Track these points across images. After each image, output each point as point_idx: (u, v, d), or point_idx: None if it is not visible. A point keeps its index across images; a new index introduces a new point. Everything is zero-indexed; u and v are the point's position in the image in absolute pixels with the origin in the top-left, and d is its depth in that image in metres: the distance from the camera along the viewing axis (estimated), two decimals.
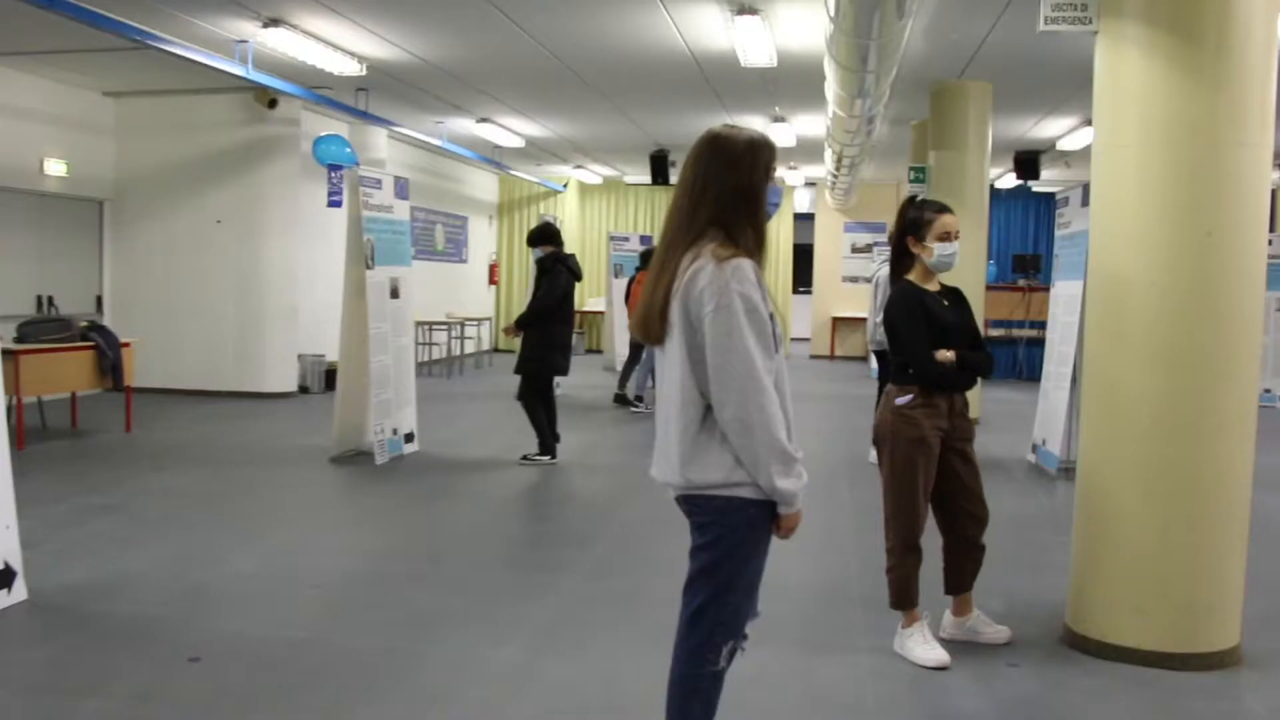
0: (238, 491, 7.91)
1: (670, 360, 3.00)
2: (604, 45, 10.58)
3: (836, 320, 21.63)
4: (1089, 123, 14.29)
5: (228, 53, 10.38)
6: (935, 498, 4.66)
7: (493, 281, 21.92)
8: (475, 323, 18.88)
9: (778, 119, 14.41)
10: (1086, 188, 8.89)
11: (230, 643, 4.72)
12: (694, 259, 2.96)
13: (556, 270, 9.14)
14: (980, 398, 12.33)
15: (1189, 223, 4.52)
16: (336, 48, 10.60)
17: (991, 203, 14.94)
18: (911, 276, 4.72)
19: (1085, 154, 16.22)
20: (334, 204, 12.57)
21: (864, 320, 21.50)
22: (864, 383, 17.06)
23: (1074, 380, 8.74)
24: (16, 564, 5.13)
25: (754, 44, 9.96)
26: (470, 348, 18.99)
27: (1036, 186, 19.05)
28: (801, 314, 23.21)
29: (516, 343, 9.42)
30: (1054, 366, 9.28)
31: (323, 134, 13.10)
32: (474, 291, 20.97)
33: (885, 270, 9.53)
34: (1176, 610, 4.53)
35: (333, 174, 12.54)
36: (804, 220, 22.56)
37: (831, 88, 9.89)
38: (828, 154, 15.21)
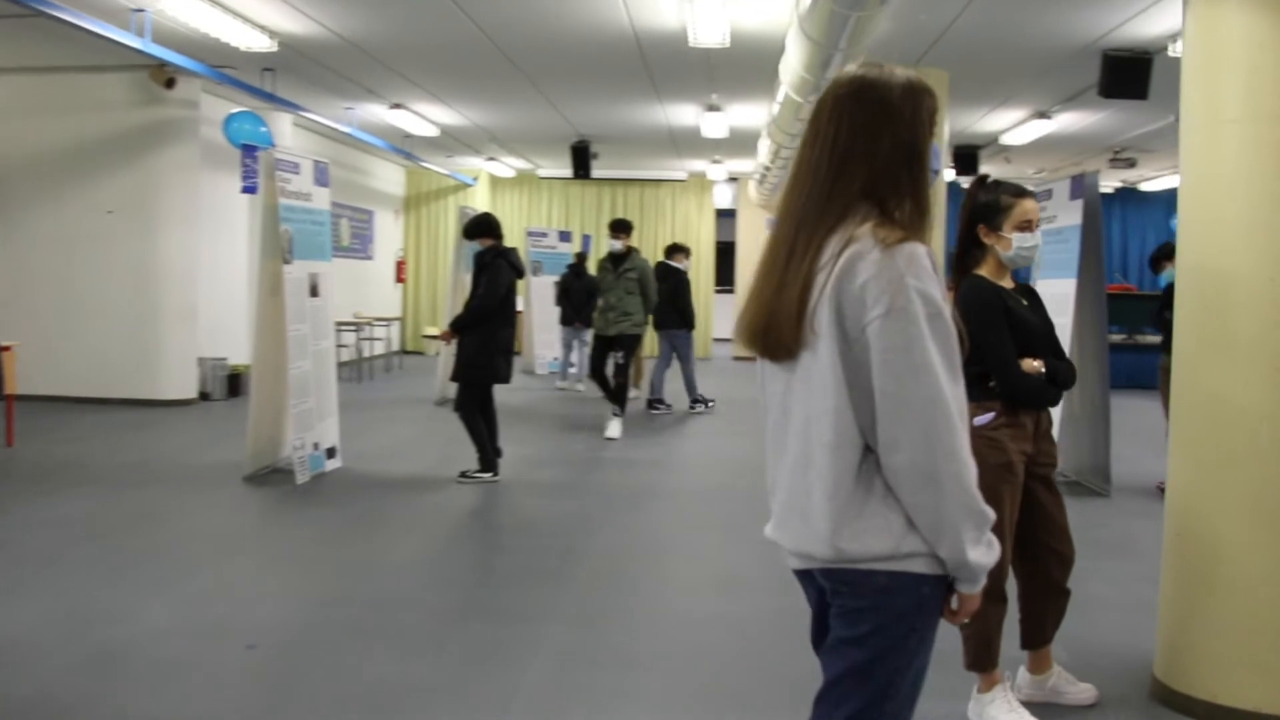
0: (142, 520, 6.81)
1: (811, 383, 2.12)
2: (540, 23, 9.66)
3: None
4: (1041, 115, 13.88)
5: (122, 23, 9.22)
6: (1015, 535, 3.88)
7: (400, 279, 20.79)
8: (384, 323, 17.76)
9: (712, 108, 13.64)
10: (1077, 179, 8.31)
11: None
12: (844, 243, 2.10)
13: (497, 266, 8.18)
14: None
15: None
16: (245, 19, 9.51)
17: None
18: (982, 272, 3.92)
19: (1029, 149, 15.92)
20: (248, 189, 11.32)
21: None
22: None
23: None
24: None
25: (707, 22, 9.16)
26: (379, 350, 17.89)
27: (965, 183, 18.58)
28: (723, 314, 22.53)
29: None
30: None
31: (235, 110, 11.76)
32: (381, 290, 19.81)
33: None
34: None
35: (247, 156, 11.30)
36: (725, 217, 21.82)
37: (791, 67, 9.14)
38: (764, 146, 14.48)
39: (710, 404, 12.88)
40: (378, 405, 12.77)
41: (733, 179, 21.11)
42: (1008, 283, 3.94)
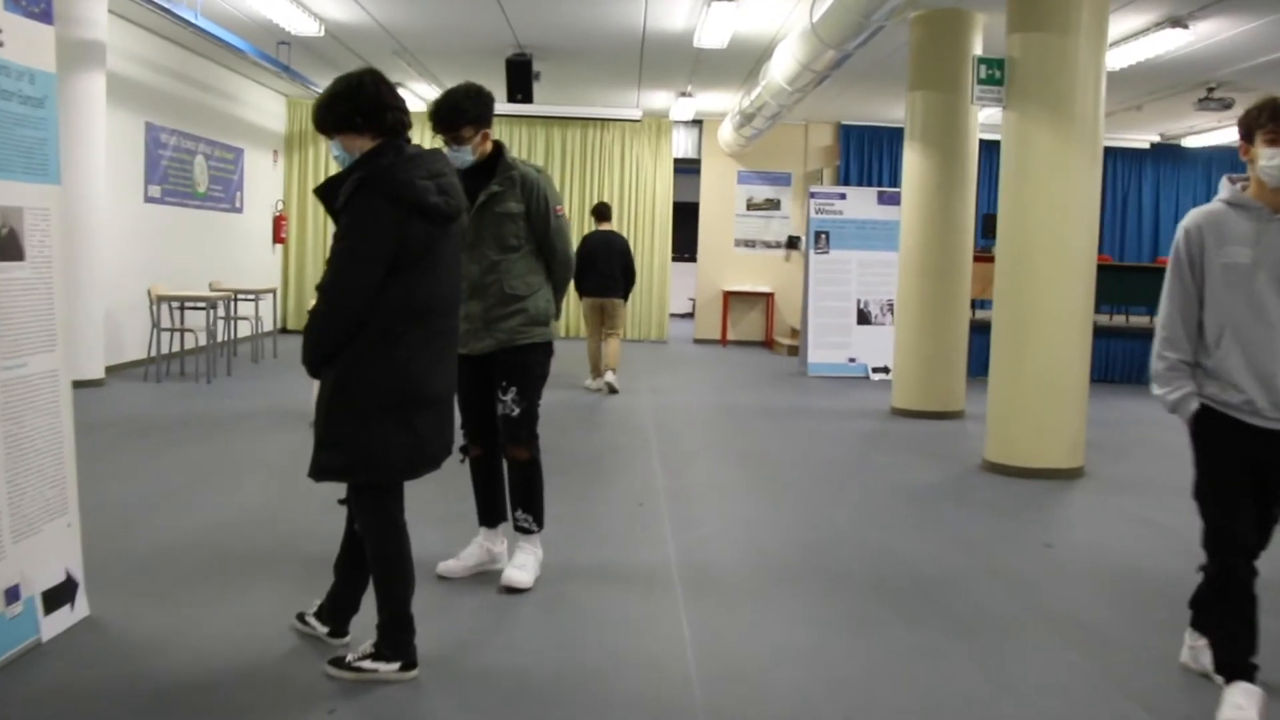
0: None
1: None
2: None
3: (729, 295, 16.34)
4: (1175, 22, 9.54)
5: None
6: None
7: (279, 239, 15.79)
8: (252, 297, 12.79)
9: None
10: None
11: None
12: None
13: (357, 208, 3.32)
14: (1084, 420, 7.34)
15: None
16: None
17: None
18: None
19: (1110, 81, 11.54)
20: None
21: (766, 296, 16.47)
22: (798, 385, 11.88)
23: None
24: None
25: None
26: (245, 331, 12.99)
27: None
28: (682, 287, 18.08)
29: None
30: None
31: None
32: (254, 253, 14.81)
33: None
34: None
35: None
36: (685, 172, 17.09)
37: None
38: (783, 60, 9.91)
39: None
40: (224, 426, 7.98)
41: (696, 121, 16.51)
42: None
